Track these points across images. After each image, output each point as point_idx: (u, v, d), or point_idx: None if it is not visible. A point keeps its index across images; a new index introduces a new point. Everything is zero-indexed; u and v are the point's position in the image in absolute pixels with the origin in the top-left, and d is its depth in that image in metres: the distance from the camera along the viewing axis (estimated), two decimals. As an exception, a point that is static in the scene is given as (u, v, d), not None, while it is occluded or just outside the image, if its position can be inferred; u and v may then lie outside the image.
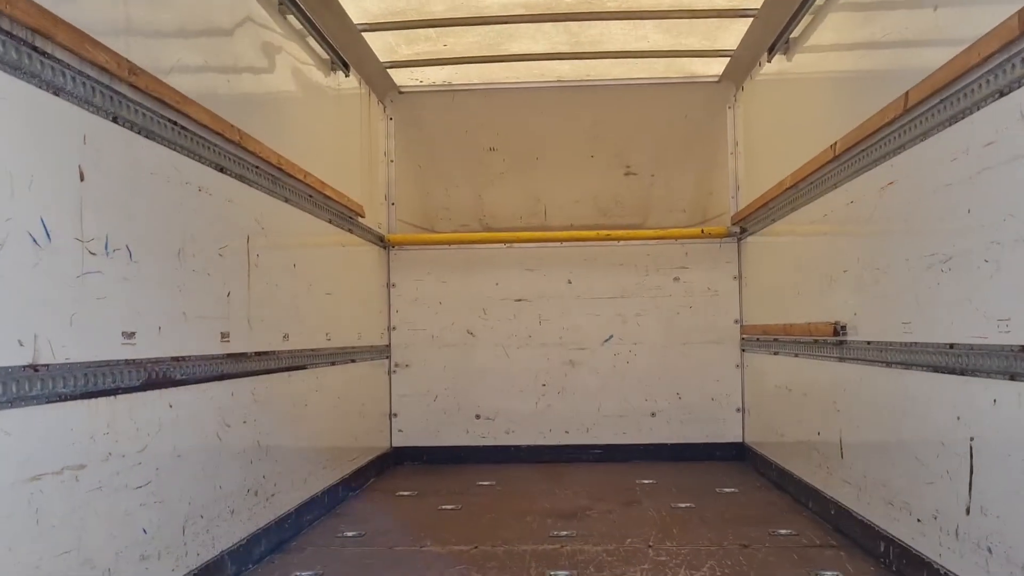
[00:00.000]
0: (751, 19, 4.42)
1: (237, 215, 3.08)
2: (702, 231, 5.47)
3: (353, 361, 4.72)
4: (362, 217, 4.88)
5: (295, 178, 3.64)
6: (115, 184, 2.26)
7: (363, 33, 4.56)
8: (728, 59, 5.09)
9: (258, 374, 3.25)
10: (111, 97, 2.24)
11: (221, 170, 2.94)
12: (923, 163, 2.65)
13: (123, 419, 2.26)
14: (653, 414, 5.59)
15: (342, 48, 4.49)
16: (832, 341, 3.51)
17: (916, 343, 2.71)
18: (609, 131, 5.97)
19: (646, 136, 5.98)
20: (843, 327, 3.38)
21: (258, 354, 3.25)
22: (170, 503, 2.50)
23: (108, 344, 2.20)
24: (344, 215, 4.55)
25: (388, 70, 5.25)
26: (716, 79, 5.49)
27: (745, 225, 5.29)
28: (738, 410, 5.52)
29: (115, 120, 2.26)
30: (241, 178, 3.12)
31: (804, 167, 3.81)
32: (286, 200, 3.62)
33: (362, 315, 5.02)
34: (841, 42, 3.56)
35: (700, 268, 5.58)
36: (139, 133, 2.39)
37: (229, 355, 2.97)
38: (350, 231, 4.70)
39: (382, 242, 5.48)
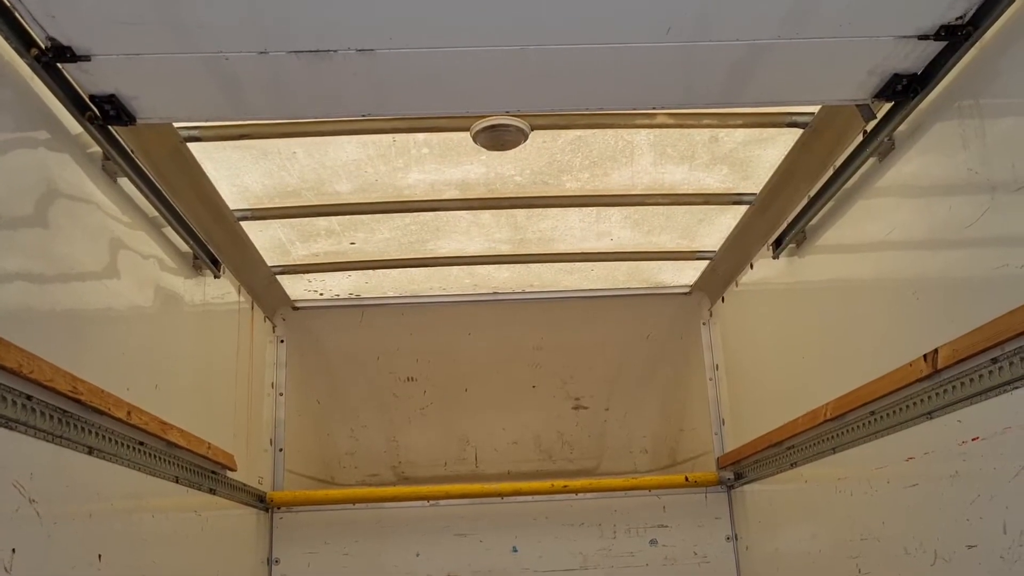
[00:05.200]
0: (746, 207, 3.50)
1: (-32, 481, 1.72)
2: (686, 478, 4.23)
3: None
4: (232, 470, 3.51)
5: (109, 415, 2.32)
6: None
7: (242, 222, 3.42)
8: (706, 263, 4.13)
9: None
10: None
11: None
12: None
13: None
14: None
15: (213, 242, 3.32)
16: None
17: None
18: (555, 355, 4.91)
19: (600, 361, 4.95)
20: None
21: None
22: None
23: None
24: (202, 470, 3.17)
25: (279, 277, 4.08)
26: (686, 290, 4.51)
27: (741, 469, 4.09)
28: None
29: None
30: (-17, 415, 1.79)
31: (862, 391, 2.70)
32: (90, 451, 2.27)
33: (225, 613, 3.49)
34: (902, 232, 2.59)
35: (683, 527, 4.29)
36: None
37: None
38: (212, 491, 3.30)
39: (262, 503, 4.04)
